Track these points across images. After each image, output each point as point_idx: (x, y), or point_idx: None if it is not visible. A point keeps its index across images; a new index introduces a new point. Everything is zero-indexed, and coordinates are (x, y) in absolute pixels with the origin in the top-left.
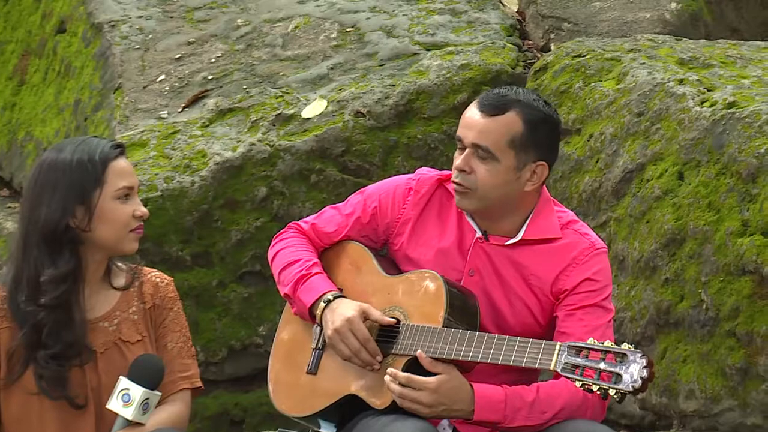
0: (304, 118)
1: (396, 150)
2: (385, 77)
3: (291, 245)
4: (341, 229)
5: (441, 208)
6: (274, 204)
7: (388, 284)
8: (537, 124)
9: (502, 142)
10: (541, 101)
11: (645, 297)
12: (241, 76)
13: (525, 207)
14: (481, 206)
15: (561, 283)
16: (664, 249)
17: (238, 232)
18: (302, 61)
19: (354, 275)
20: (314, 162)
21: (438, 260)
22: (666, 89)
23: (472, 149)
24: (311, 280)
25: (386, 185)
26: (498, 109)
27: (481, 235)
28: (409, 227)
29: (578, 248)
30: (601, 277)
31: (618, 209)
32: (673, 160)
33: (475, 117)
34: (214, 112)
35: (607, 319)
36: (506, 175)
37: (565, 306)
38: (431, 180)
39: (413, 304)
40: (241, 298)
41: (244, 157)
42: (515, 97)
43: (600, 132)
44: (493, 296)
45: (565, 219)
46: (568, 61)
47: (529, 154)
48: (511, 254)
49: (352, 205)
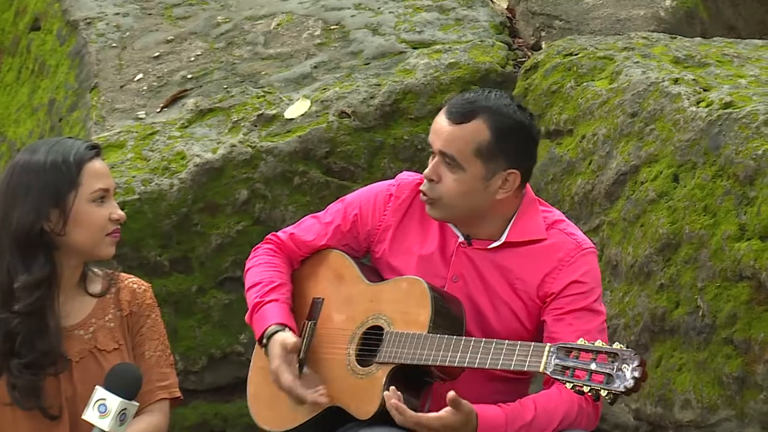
0: (286, 119)
1: (382, 151)
2: (370, 76)
3: (258, 263)
4: (321, 238)
5: (423, 213)
6: (255, 207)
7: (371, 292)
8: (506, 131)
9: (468, 150)
10: (512, 106)
11: (639, 303)
12: (222, 75)
13: (506, 210)
14: (450, 215)
15: (547, 287)
16: (659, 254)
17: (219, 237)
18: (285, 59)
19: (336, 284)
20: (297, 164)
21: (420, 267)
22: (660, 89)
23: (440, 156)
24: (263, 309)
25: (366, 192)
26: (464, 116)
27: (464, 239)
28: (390, 234)
29: (564, 249)
30: (589, 278)
31: (611, 213)
32: (668, 162)
33: (442, 123)
34: (193, 112)
35: (598, 322)
36: (473, 184)
37: (552, 310)
38: (411, 185)
39: (397, 310)
40: (221, 304)
41: (224, 159)
42: (484, 103)
43: (592, 133)
44: (478, 302)
45: (551, 219)
46: (559, 60)
47: (498, 163)
48: (495, 258)
49: (332, 213)
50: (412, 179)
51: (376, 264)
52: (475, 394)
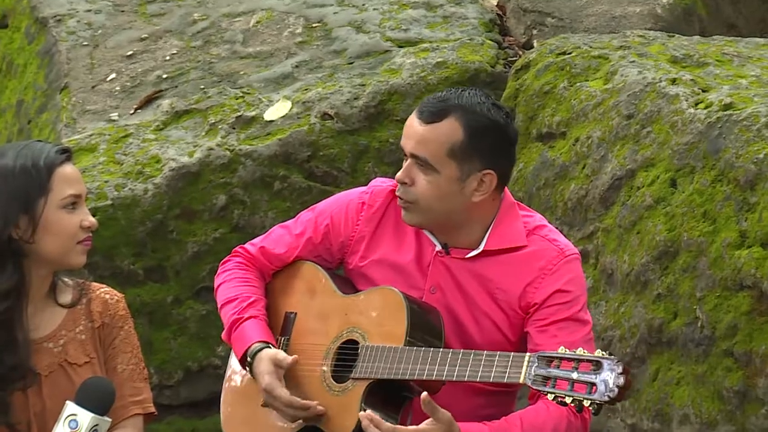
0: (266, 121)
1: (366, 155)
2: (354, 76)
3: (231, 278)
4: (292, 250)
5: (397, 221)
6: (234, 213)
7: (345, 304)
8: (480, 130)
9: (441, 152)
10: (487, 104)
11: (635, 314)
12: (198, 75)
13: (484, 215)
14: (427, 220)
15: (530, 296)
16: (656, 262)
17: (195, 244)
18: (264, 58)
19: (309, 297)
20: (277, 168)
21: (396, 278)
22: (657, 89)
23: (412, 159)
24: (243, 326)
25: (338, 201)
26: (435, 115)
27: (441, 248)
28: (364, 245)
29: (546, 256)
30: (574, 286)
31: (606, 219)
32: (666, 166)
33: (414, 124)
34: (168, 114)
35: (584, 332)
36: (448, 187)
37: (536, 321)
38: (384, 192)
39: (372, 323)
40: (198, 315)
41: (201, 163)
42: (456, 101)
43: (587, 136)
44: (457, 314)
45: (532, 224)
46: (552, 59)
47: (473, 164)
48: (473, 267)
49: (303, 223)
50: (385, 186)
51: (350, 275)
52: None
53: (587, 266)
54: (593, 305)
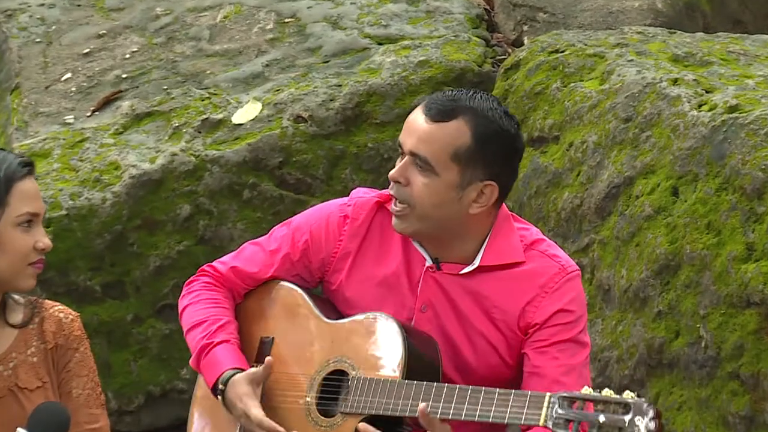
0: (234, 124)
1: (343, 161)
2: (330, 76)
3: (198, 299)
4: (267, 269)
5: (383, 235)
6: (199, 224)
7: (331, 330)
8: (489, 137)
9: (445, 153)
10: (499, 111)
11: (634, 333)
12: (161, 74)
13: (479, 229)
14: (421, 228)
15: (530, 316)
16: (657, 277)
17: (158, 258)
18: (233, 56)
19: (287, 321)
20: (247, 175)
21: (383, 296)
22: (658, 90)
23: (410, 158)
24: (213, 352)
25: (317, 214)
26: (444, 114)
27: (432, 263)
28: (348, 263)
29: (547, 274)
30: (576, 306)
31: (603, 230)
32: (667, 173)
33: (418, 121)
34: (129, 116)
35: (584, 355)
36: (446, 193)
37: (535, 342)
38: (369, 204)
39: (363, 353)
40: (160, 335)
41: (164, 170)
42: (468, 103)
43: (581, 140)
44: (450, 335)
45: (529, 238)
46: (543, 58)
47: (476, 172)
48: (468, 284)
49: (277, 239)
50: (369, 198)
51: (331, 296)
52: None
53: (582, 281)
54: (588, 323)
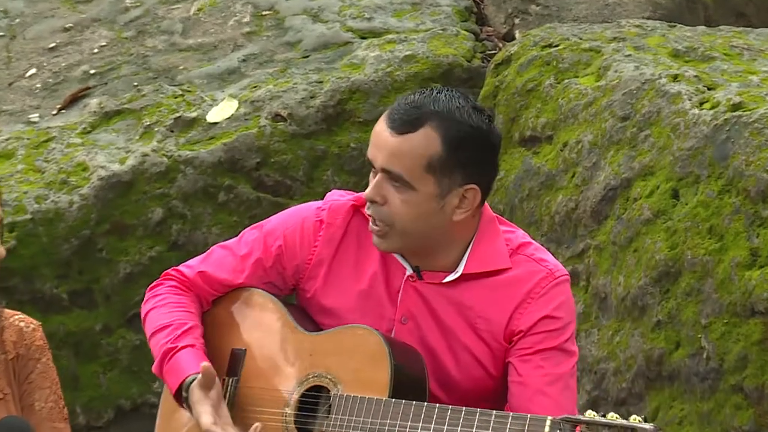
0: (209, 123)
1: (324, 162)
2: (310, 72)
3: (162, 303)
4: (237, 275)
5: (360, 240)
6: (172, 229)
7: (310, 343)
8: (461, 140)
9: (417, 167)
10: (467, 108)
11: (632, 344)
12: (131, 70)
13: (463, 234)
14: (405, 245)
15: (515, 324)
16: (656, 284)
17: (128, 265)
18: (207, 51)
19: (261, 332)
20: (222, 177)
21: (361, 307)
22: (657, 87)
23: (383, 174)
24: (177, 357)
25: (290, 218)
26: (409, 124)
27: (413, 272)
28: (323, 270)
29: (533, 279)
30: (563, 312)
31: (599, 235)
32: (666, 175)
33: (383, 135)
34: (97, 114)
35: (570, 365)
36: (427, 206)
37: (519, 350)
38: (345, 208)
39: (346, 368)
40: (131, 346)
41: (134, 171)
42: (433, 107)
43: (576, 140)
44: (433, 347)
45: (515, 242)
46: (536, 53)
47: (454, 178)
48: (451, 294)
49: (248, 243)
50: (345, 201)
51: (307, 305)
52: None
53: (577, 289)
54: (584, 333)
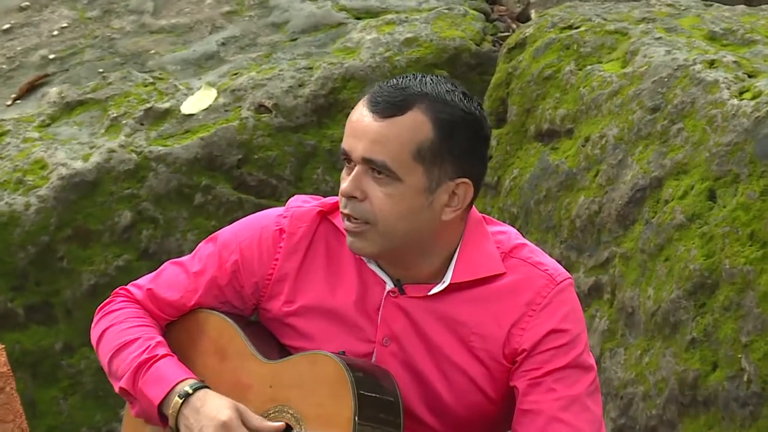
0: (184, 115)
1: (314, 159)
2: (298, 57)
3: (121, 320)
4: (190, 295)
5: (330, 253)
6: (142, 235)
7: (270, 373)
8: (453, 125)
9: (405, 153)
10: (457, 92)
11: (664, 365)
12: (96, 54)
13: (449, 239)
14: (384, 248)
15: (516, 341)
16: (690, 297)
17: (92, 275)
18: (182, 33)
19: (217, 361)
20: (199, 176)
21: (337, 329)
22: (691, 75)
23: (363, 166)
24: (157, 365)
25: (247, 228)
26: (396, 107)
27: (394, 286)
28: (287, 286)
29: (533, 287)
30: (571, 323)
31: (625, 242)
32: (702, 174)
33: (364, 120)
34: (57, 105)
35: (588, 381)
36: (414, 200)
37: (525, 372)
38: (309, 215)
39: (307, 402)
40: (95, 368)
41: (99, 169)
42: (420, 88)
43: (600, 134)
44: (420, 371)
45: (507, 244)
46: (554, 35)
47: (444, 169)
48: (439, 308)
49: (202, 259)
50: (309, 207)
51: (271, 327)
52: None
53: (601, 303)
54: (608, 353)
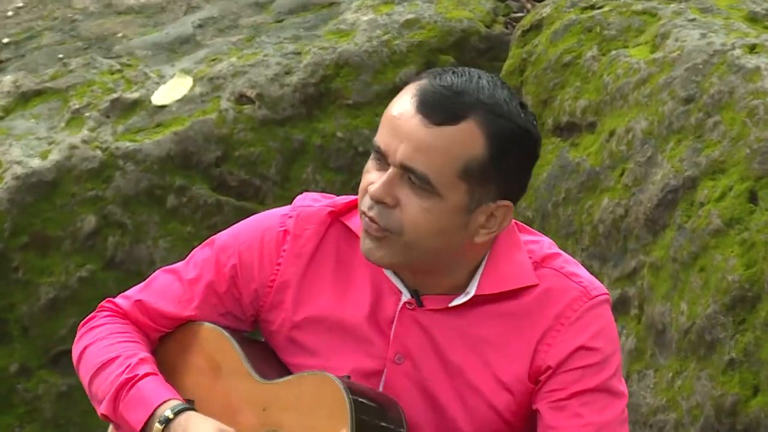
0: (155, 106)
1: (303, 156)
2: (285, 41)
3: (102, 336)
4: (185, 305)
5: (340, 257)
6: (108, 242)
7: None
8: (507, 143)
9: (452, 169)
10: (514, 103)
11: (699, 388)
12: (55, 38)
13: (477, 254)
14: (406, 260)
15: (540, 358)
16: (728, 313)
17: (51, 288)
18: (153, 14)
19: (211, 379)
20: (172, 175)
21: (342, 343)
22: (729, 61)
23: (400, 171)
24: (138, 386)
25: (248, 230)
26: (450, 114)
27: (411, 297)
28: (290, 295)
29: (564, 299)
30: (603, 342)
31: (655, 250)
32: (741, 173)
33: (410, 121)
34: (12, 96)
35: (619, 409)
36: (450, 220)
37: (549, 393)
38: (318, 216)
39: (302, 426)
40: (55, 392)
41: (60, 168)
42: (477, 94)
43: (626, 128)
44: (435, 394)
45: (539, 254)
46: (574, 16)
47: (488, 189)
48: (459, 323)
49: (198, 265)
50: (319, 207)
51: (273, 341)
52: None
53: (627, 319)
54: (636, 376)
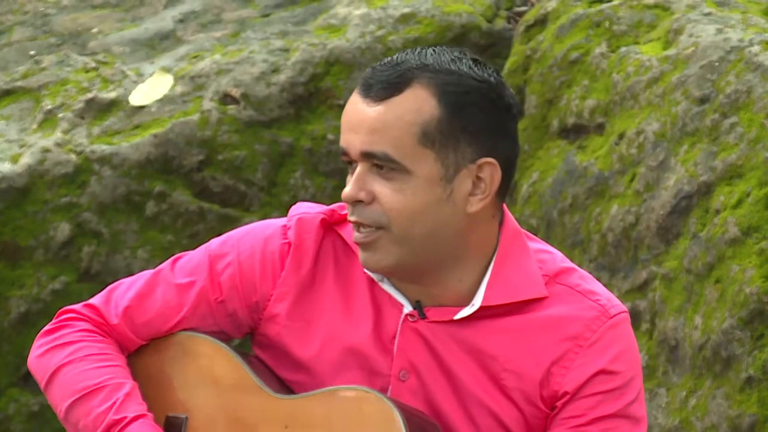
0: (134, 107)
1: (291, 160)
2: (272, 36)
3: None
4: (172, 314)
5: (338, 269)
6: (83, 252)
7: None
8: (462, 95)
9: (409, 138)
10: (465, 60)
11: (714, 408)
12: (27, 34)
13: (480, 243)
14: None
15: (556, 382)
16: (746, 327)
17: (23, 301)
18: (130, 8)
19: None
20: (152, 180)
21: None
22: (747, 58)
23: (365, 163)
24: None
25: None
26: (391, 86)
27: (413, 309)
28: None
29: (581, 320)
30: (624, 365)
31: (667, 261)
32: (760, 178)
33: (357, 109)
34: None
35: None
36: (429, 192)
37: (566, 419)
38: (315, 225)
39: None
40: (27, 412)
41: (31, 173)
42: (419, 60)
43: (637, 130)
44: (442, 411)
45: (552, 267)
46: (582, 10)
47: (461, 150)
48: (466, 336)
49: (189, 271)
50: (315, 214)
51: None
52: None
53: (639, 333)
54: (648, 394)
